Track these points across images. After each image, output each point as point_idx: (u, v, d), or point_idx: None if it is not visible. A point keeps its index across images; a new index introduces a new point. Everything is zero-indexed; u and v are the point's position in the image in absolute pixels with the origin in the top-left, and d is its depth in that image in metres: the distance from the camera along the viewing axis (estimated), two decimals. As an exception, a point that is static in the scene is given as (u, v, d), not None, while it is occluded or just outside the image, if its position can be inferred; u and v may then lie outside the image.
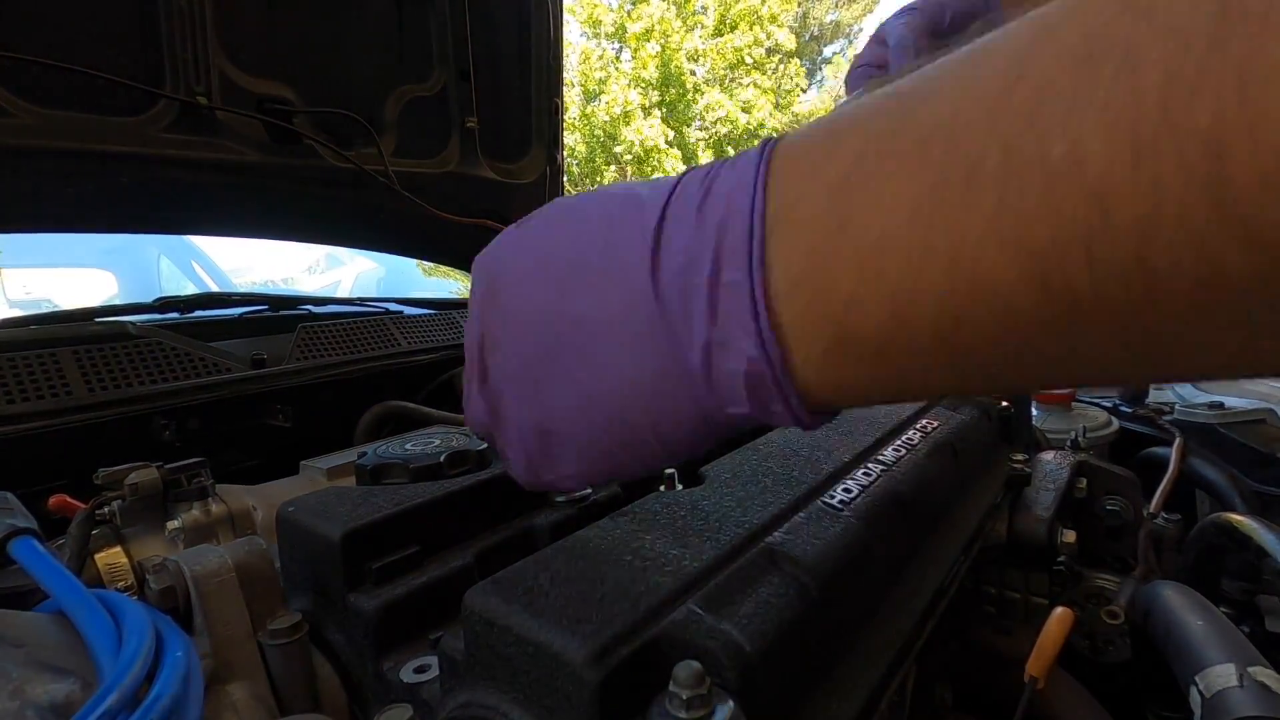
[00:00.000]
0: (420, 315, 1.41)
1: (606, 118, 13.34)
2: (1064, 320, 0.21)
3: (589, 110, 13.62)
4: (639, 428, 0.31)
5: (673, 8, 14.05)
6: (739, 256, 0.26)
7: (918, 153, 0.22)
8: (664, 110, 14.08)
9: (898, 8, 0.75)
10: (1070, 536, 0.69)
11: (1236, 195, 0.17)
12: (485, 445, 0.58)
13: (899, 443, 0.60)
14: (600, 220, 0.31)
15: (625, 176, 14.15)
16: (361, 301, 1.53)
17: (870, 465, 0.55)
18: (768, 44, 14.63)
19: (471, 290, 0.38)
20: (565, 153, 1.84)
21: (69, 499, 0.63)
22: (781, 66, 15.66)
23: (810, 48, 17.33)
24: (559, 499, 0.56)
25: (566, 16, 1.80)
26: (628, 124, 13.16)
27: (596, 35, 14.35)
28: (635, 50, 13.90)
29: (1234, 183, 0.16)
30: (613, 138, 13.52)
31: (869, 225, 0.23)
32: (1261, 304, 0.18)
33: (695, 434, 0.31)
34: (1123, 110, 0.18)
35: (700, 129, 14.57)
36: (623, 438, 0.32)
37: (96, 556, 0.57)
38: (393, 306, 1.51)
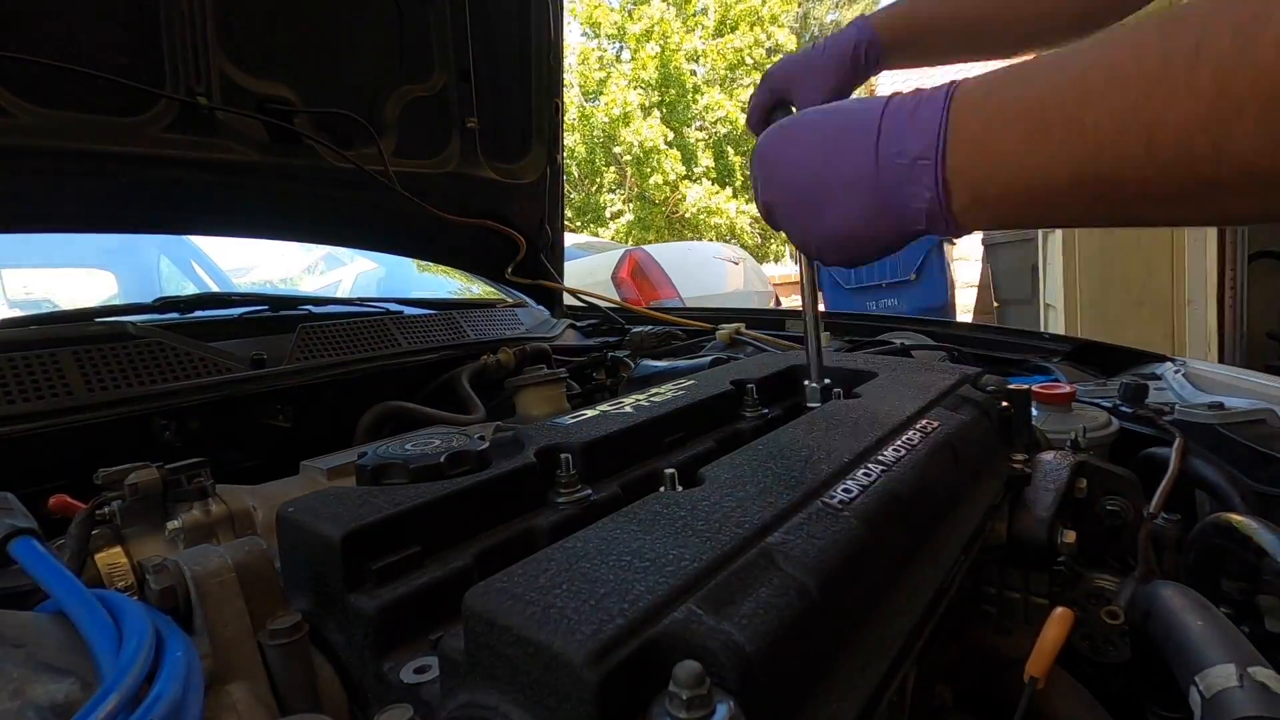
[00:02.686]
0: (420, 315, 1.41)
1: (606, 119, 13.33)
2: (1088, 200, 0.43)
3: (588, 110, 13.62)
4: (862, 235, 0.56)
5: (672, 8, 14.04)
6: (930, 152, 0.48)
7: (1022, 111, 0.45)
8: (664, 110, 14.08)
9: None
10: (1070, 536, 0.69)
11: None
12: (485, 445, 0.58)
13: (899, 443, 0.60)
14: (839, 124, 0.56)
15: (625, 177, 14.15)
16: (361, 301, 1.53)
17: (870, 465, 0.55)
18: (768, 44, 14.62)
19: (753, 169, 0.64)
20: (565, 154, 1.84)
21: (69, 499, 0.63)
22: (782, 67, 15.63)
23: (810, 48, 17.34)
24: (559, 499, 0.56)
25: (566, 17, 1.80)
26: (627, 124, 13.16)
27: (596, 35, 14.34)
28: (635, 52, 13.89)
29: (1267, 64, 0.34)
30: (612, 138, 13.51)
31: (994, 148, 0.46)
32: (1171, 193, 0.40)
33: (898, 238, 0.55)
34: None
35: (700, 129, 14.57)
36: (855, 240, 0.57)
37: (96, 556, 0.57)
38: (393, 306, 1.51)
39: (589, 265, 6.23)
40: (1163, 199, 0.40)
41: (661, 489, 0.50)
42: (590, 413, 0.71)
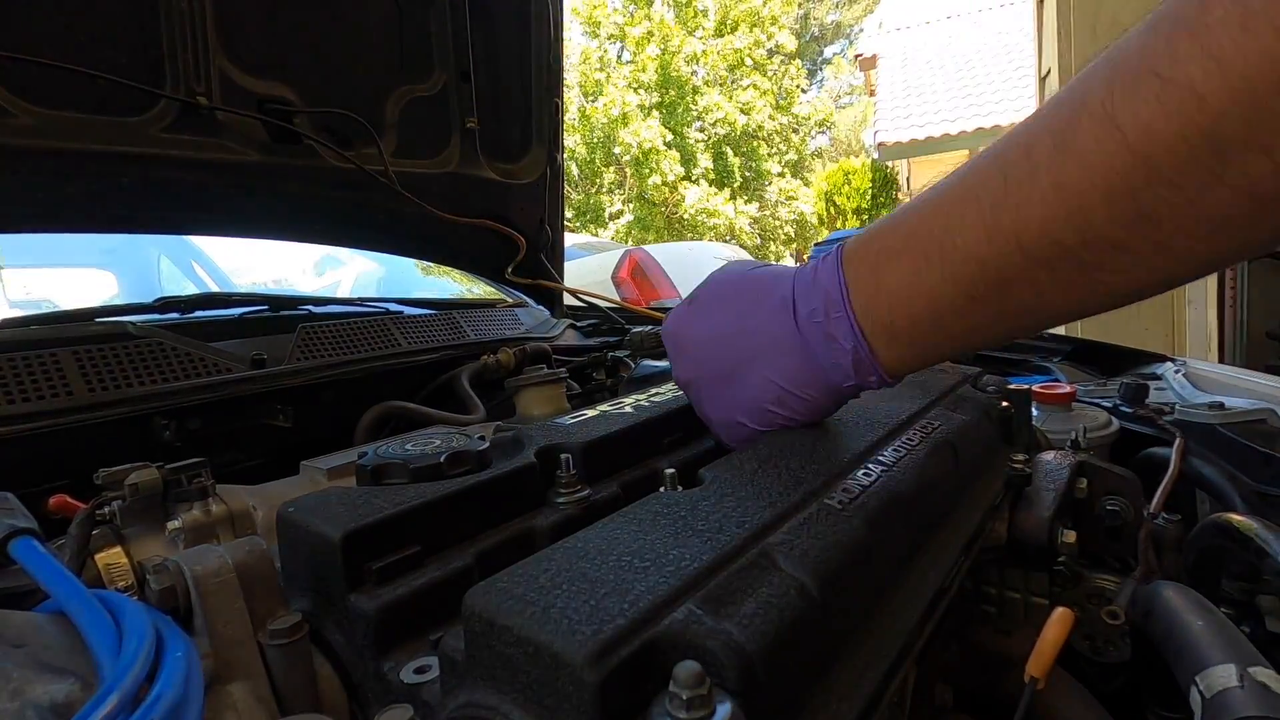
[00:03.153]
0: (420, 315, 1.41)
1: (605, 119, 13.32)
2: (990, 313, 0.46)
3: (588, 111, 13.61)
4: (790, 403, 0.57)
5: (671, 10, 14.03)
6: (838, 306, 0.51)
7: (903, 246, 0.50)
8: (663, 112, 14.07)
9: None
10: (1070, 536, 0.69)
11: (1227, 145, 0.33)
12: (485, 445, 0.58)
13: (899, 443, 0.60)
14: (752, 295, 0.57)
15: (624, 177, 14.15)
16: (361, 301, 1.53)
17: (870, 465, 0.55)
18: (768, 45, 14.63)
19: (668, 348, 0.65)
20: (565, 154, 1.84)
21: (69, 499, 0.63)
22: (782, 67, 15.66)
23: (811, 48, 17.34)
24: (559, 499, 0.56)
25: (567, 17, 1.80)
26: (625, 125, 13.15)
27: (596, 36, 14.33)
28: (635, 54, 13.89)
29: (1230, 143, 0.33)
30: (610, 139, 13.51)
31: (888, 282, 0.49)
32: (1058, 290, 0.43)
33: (829, 400, 0.57)
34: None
35: (699, 130, 14.56)
36: (782, 410, 0.57)
37: (96, 556, 0.57)
38: (393, 306, 1.51)
39: (589, 265, 6.22)
40: (1061, 291, 0.42)
41: (661, 489, 0.50)
42: (590, 413, 0.71)
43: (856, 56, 17.21)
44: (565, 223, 1.96)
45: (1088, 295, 0.42)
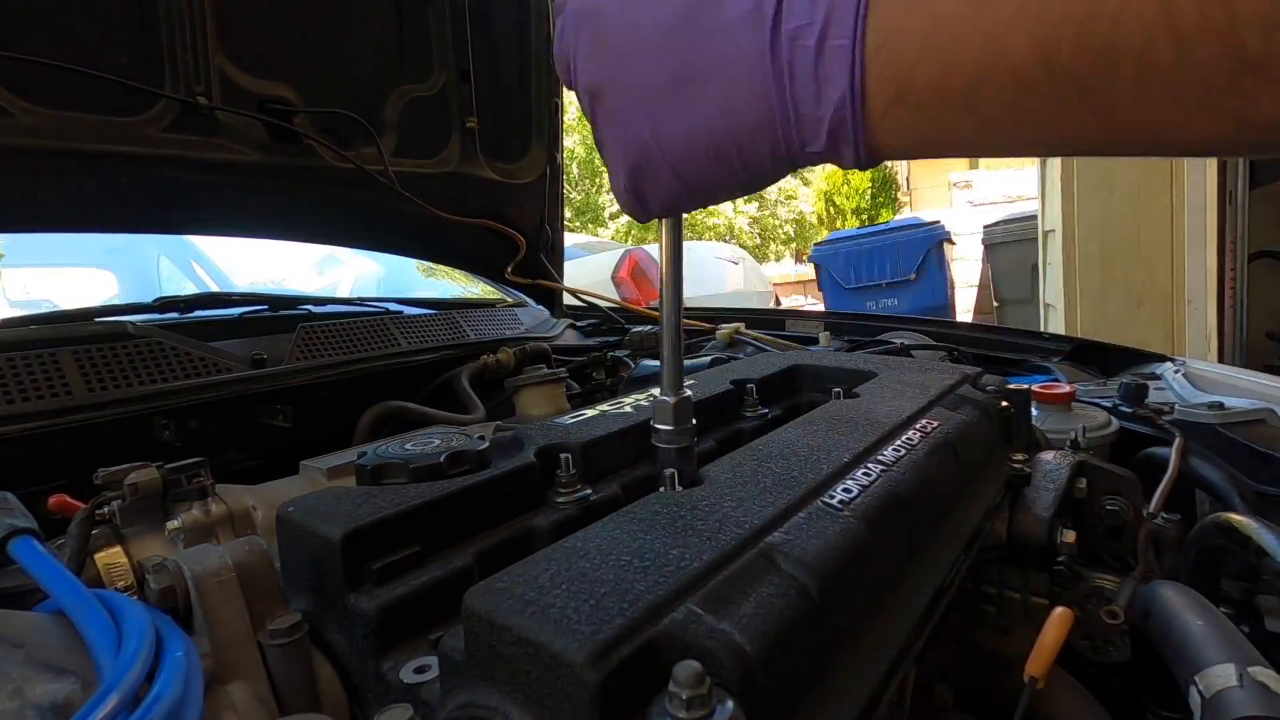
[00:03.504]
0: (420, 315, 1.41)
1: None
2: (1059, 89, 0.29)
3: (589, 110, 13.59)
4: (730, 159, 0.39)
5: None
6: (846, 25, 0.34)
7: None
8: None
9: None
10: (1070, 536, 0.69)
11: None
12: (485, 445, 0.58)
13: (899, 443, 0.60)
14: None
15: (625, 176, 14.10)
16: (361, 301, 1.53)
17: (870, 465, 0.55)
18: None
19: (563, 33, 0.44)
20: (565, 154, 1.84)
21: (69, 499, 0.63)
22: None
23: (810, 48, 17.29)
24: (559, 499, 0.56)
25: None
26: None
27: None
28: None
29: None
30: (613, 138, 13.48)
31: (937, 4, 0.32)
32: (1190, 80, 0.27)
33: (775, 168, 0.39)
34: None
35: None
36: (715, 167, 0.40)
37: (96, 556, 0.57)
38: (393, 306, 1.51)
39: (589, 265, 6.22)
40: (1173, 89, 0.27)
41: (661, 489, 0.50)
42: (590, 413, 0.71)
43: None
44: (565, 223, 1.96)
45: (1212, 120, 0.28)
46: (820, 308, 7.40)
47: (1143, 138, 0.31)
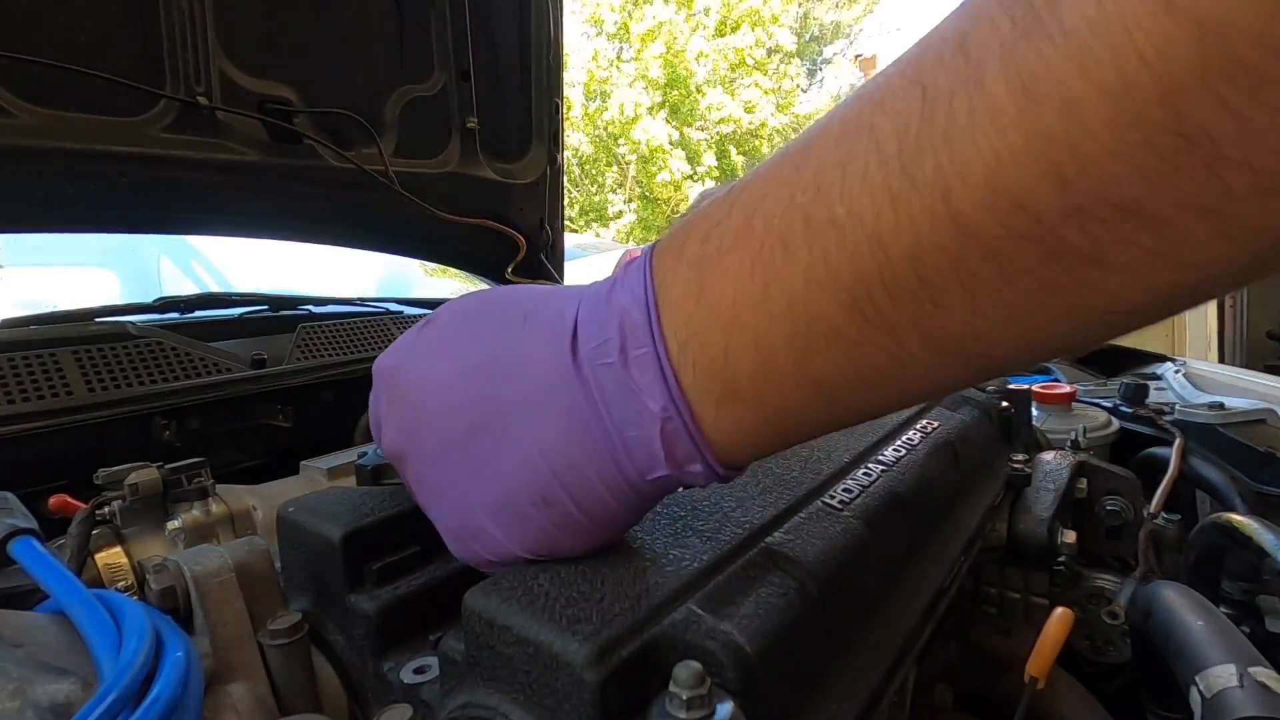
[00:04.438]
0: (420, 315, 1.41)
1: (610, 117, 13.32)
2: (880, 334, 0.26)
3: (592, 110, 13.61)
4: (561, 503, 0.34)
5: (672, 7, 14.03)
6: (641, 333, 0.31)
7: (745, 228, 0.29)
8: (667, 111, 14.07)
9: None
10: (1070, 536, 0.69)
11: (961, 209, 0.23)
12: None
13: (899, 443, 0.60)
14: (515, 318, 0.35)
15: (626, 177, 14.14)
16: (361, 301, 1.53)
17: (870, 465, 0.55)
18: (769, 44, 14.62)
19: (374, 394, 0.42)
20: (570, 152, 1.84)
21: (69, 499, 0.63)
22: (782, 67, 15.66)
23: (810, 48, 17.31)
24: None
25: (568, 16, 1.80)
26: (634, 123, 13.15)
27: (599, 35, 14.33)
28: (639, 52, 13.89)
29: (961, 215, 0.23)
30: (616, 138, 13.50)
31: (722, 289, 0.29)
32: (968, 283, 0.24)
33: (621, 506, 0.34)
34: (876, 173, 0.24)
35: (701, 129, 14.57)
36: (548, 514, 0.35)
37: (96, 556, 0.57)
38: (393, 306, 1.51)
39: (590, 265, 6.22)
40: (1020, 297, 0.24)
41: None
42: (590, 413, 0.71)
43: (856, 57, 17.20)
44: (568, 223, 1.96)
45: (1066, 303, 0.23)
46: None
47: (1020, 353, 0.27)
